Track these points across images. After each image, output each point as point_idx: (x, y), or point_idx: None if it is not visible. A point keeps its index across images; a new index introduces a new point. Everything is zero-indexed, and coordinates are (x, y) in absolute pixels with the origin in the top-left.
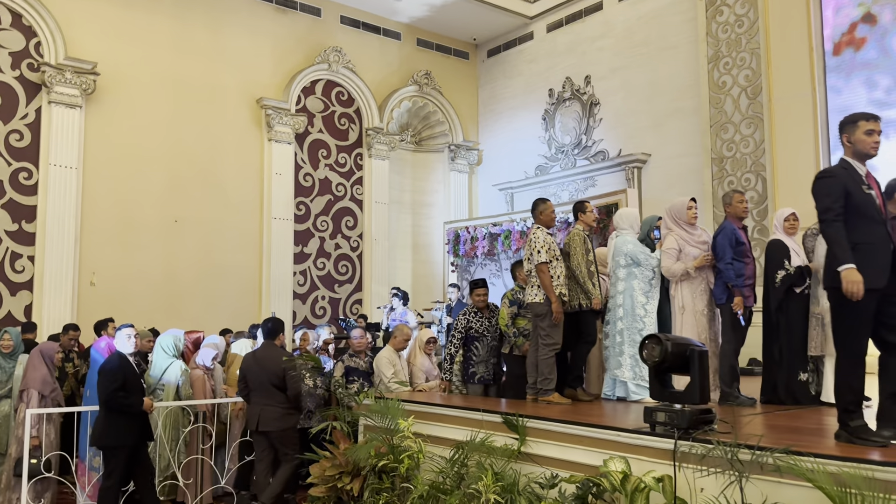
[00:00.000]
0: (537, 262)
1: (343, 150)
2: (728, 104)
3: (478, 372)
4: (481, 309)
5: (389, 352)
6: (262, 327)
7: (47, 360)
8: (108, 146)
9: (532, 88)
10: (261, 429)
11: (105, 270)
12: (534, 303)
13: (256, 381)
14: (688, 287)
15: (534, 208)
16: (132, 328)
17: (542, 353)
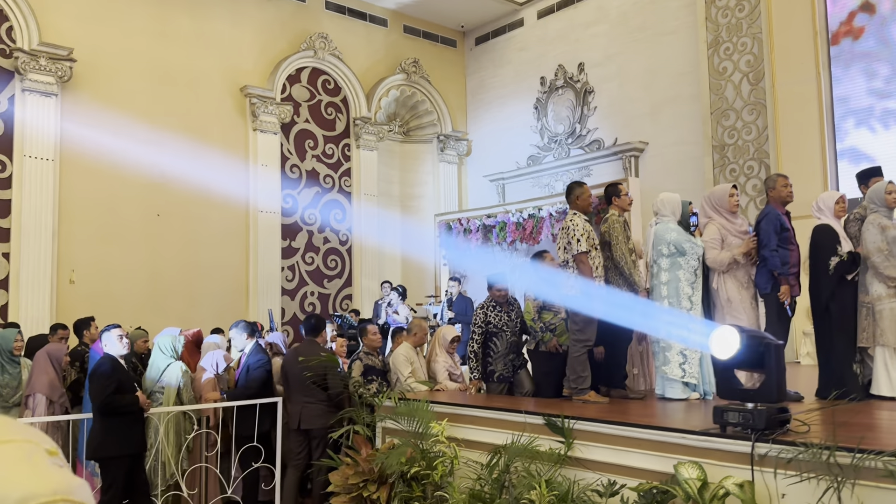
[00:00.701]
0: (577, 251)
1: (330, 141)
2: (729, 90)
3: (496, 370)
4: (501, 304)
5: (407, 349)
6: (304, 324)
7: (55, 362)
8: (87, 137)
9: (523, 77)
10: (302, 426)
11: (85, 267)
12: (570, 296)
13: (297, 378)
14: (732, 278)
15: (569, 193)
16: (120, 328)
17: (574, 349)
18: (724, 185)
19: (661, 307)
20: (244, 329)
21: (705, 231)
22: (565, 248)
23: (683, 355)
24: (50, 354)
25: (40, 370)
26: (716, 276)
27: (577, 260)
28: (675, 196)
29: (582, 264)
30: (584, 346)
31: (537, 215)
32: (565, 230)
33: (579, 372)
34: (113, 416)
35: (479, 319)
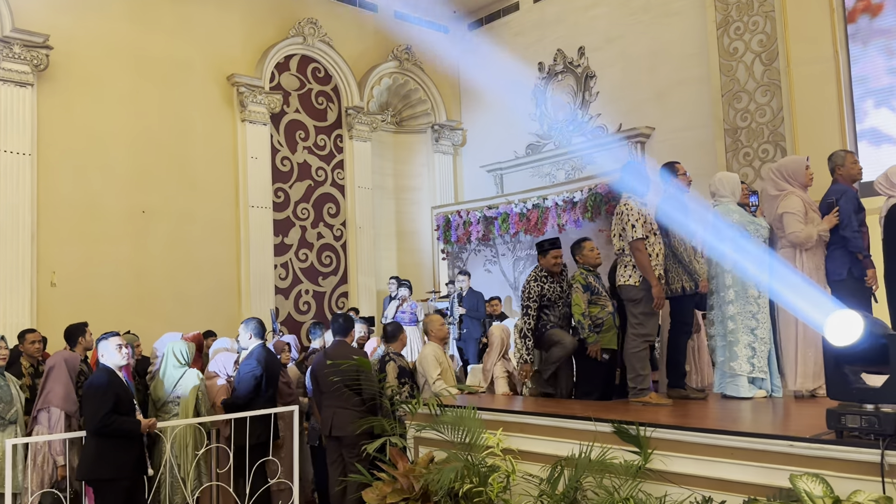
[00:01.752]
0: (632, 237)
1: (322, 132)
2: (741, 72)
3: None
4: (555, 273)
5: (435, 349)
6: (333, 324)
7: (72, 373)
8: (66, 129)
9: (520, 62)
10: (334, 433)
11: (66, 268)
12: (626, 286)
13: (328, 382)
14: (811, 258)
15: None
16: (119, 336)
17: (633, 345)
18: (796, 156)
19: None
20: (253, 328)
21: (786, 202)
22: (620, 236)
23: (752, 348)
24: (67, 363)
25: (56, 380)
26: (794, 256)
27: (633, 248)
28: (733, 175)
29: (639, 252)
30: (645, 342)
31: (542, 205)
32: (619, 216)
33: (639, 370)
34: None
35: (534, 292)
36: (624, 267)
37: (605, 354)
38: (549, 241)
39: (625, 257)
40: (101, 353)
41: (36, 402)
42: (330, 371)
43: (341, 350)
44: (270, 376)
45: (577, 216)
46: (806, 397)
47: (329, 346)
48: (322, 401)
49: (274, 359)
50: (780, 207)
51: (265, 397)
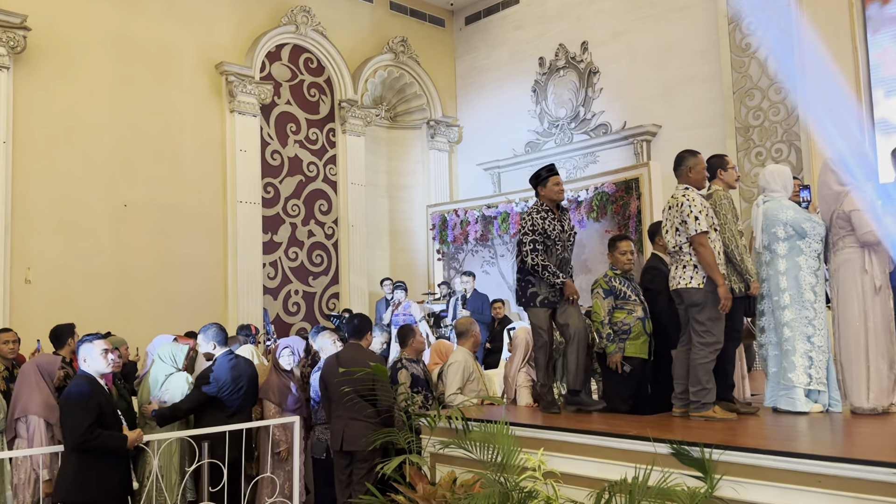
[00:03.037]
0: (696, 231)
1: (314, 125)
2: (753, 68)
3: (540, 292)
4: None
5: (466, 356)
6: (347, 325)
7: (47, 378)
8: (43, 116)
9: (519, 58)
10: (345, 447)
11: (42, 264)
12: (688, 289)
13: (339, 390)
14: (878, 259)
15: (679, 163)
16: (104, 340)
17: (699, 354)
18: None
19: (780, 301)
20: (213, 336)
21: (853, 199)
22: (677, 230)
23: (809, 358)
24: (41, 367)
25: (31, 387)
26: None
27: (695, 243)
28: (785, 168)
29: (703, 248)
30: (714, 351)
31: None
32: (677, 208)
33: (704, 382)
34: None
35: (537, 225)
36: (682, 267)
37: (626, 366)
38: (546, 168)
39: (682, 255)
40: (81, 358)
41: (10, 410)
42: (342, 378)
43: (355, 354)
44: (244, 388)
45: (582, 216)
46: (879, 414)
47: (342, 350)
48: (332, 410)
49: (246, 368)
50: (845, 204)
51: (231, 411)
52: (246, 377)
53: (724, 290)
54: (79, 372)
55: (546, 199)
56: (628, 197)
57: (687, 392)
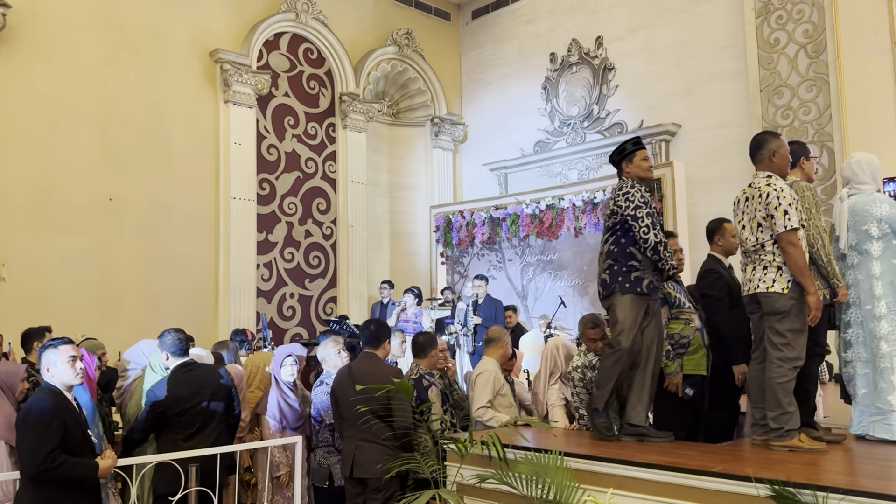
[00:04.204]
0: (786, 227)
1: (313, 119)
2: (783, 65)
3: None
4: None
5: (494, 366)
6: (363, 333)
7: (7, 390)
8: (23, 101)
9: (529, 53)
10: (356, 474)
11: (17, 261)
12: (771, 294)
13: (351, 407)
14: None
15: (758, 146)
16: (72, 345)
17: (777, 372)
18: None
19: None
20: (170, 346)
21: None
22: (760, 225)
23: None
24: (2, 377)
25: None
26: None
27: (784, 241)
28: (872, 157)
29: (794, 248)
30: (794, 368)
31: (557, 206)
32: (760, 199)
33: (785, 405)
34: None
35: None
36: (763, 268)
37: (687, 389)
38: (632, 142)
39: (764, 255)
40: (44, 368)
41: None
42: (358, 395)
43: (371, 366)
44: (199, 404)
45: (598, 218)
46: None
47: (355, 361)
48: (343, 430)
49: (206, 381)
50: None
51: (188, 433)
52: (210, 390)
53: (815, 299)
54: (42, 384)
55: (633, 176)
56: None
57: (766, 417)
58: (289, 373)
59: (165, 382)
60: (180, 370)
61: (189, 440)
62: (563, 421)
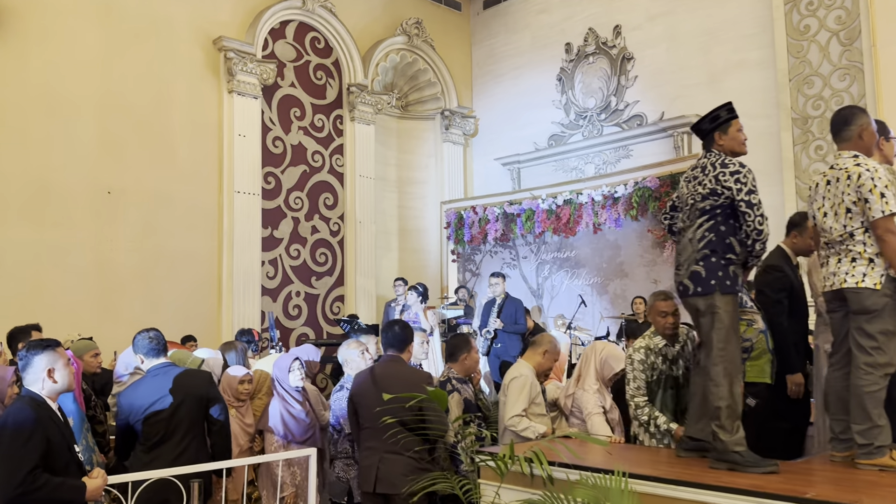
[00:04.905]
0: (883, 212)
1: (320, 111)
2: (813, 53)
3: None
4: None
5: (530, 370)
6: (386, 335)
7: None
8: (18, 89)
9: (544, 43)
10: (379, 489)
11: (11, 256)
12: (858, 290)
13: (374, 415)
14: None
15: (848, 121)
16: (56, 350)
17: (866, 380)
18: None
19: None
20: (141, 346)
21: None
22: (848, 211)
23: None
24: None
25: None
26: None
27: (880, 228)
28: None
29: (891, 235)
30: (885, 375)
31: (575, 201)
32: (850, 181)
33: (875, 418)
34: None
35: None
36: (850, 260)
37: (749, 399)
38: (726, 108)
39: (854, 245)
40: (24, 373)
41: None
42: (383, 403)
43: (395, 370)
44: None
45: (619, 214)
46: None
47: (378, 364)
48: (362, 440)
49: (180, 382)
50: None
51: (150, 443)
52: (180, 395)
53: None
54: (22, 391)
55: (727, 150)
56: (674, 192)
57: (849, 431)
58: (297, 378)
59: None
60: (149, 374)
61: (150, 451)
62: (603, 430)
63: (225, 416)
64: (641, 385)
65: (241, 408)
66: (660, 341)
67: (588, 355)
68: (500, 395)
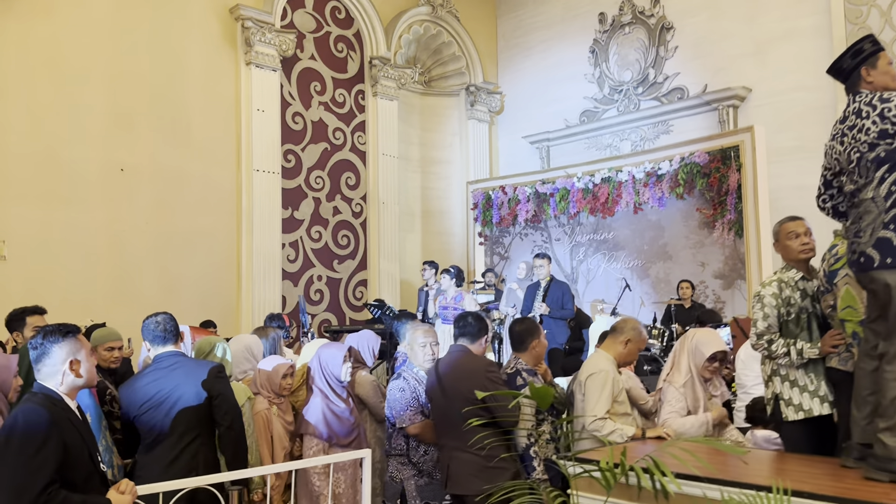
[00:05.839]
0: None
1: (341, 85)
2: (874, 19)
3: None
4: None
5: (610, 363)
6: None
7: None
8: (24, 60)
9: (575, 14)
10: (450, 489)
11: (19, 237)
12: None
13: (445, 411)
14: None
15: None
16: (75, 337)
17: None
18: None
19: None
20: (148, 332)
21: None
22: None
23: None
24: None
25: None
26: None
27: None
28: None
29: None
30: None
31: (615, 179)
32: None
33: None
34: None
35: None
36: None
37: None
38: (870, 40)
39: None
40: (37, 365)
41: None
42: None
43: (458, 362)
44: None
45: (662, 192)
46: None
47: (446, 357)
48: (438, 436)
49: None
50: None
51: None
52: (179, 392)
53: None
54: (34, 387)
55: (879, 87)
56: (726, 169)
57: None
58: (348, 371)
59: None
60: (153, 365)
61: (146, 453)
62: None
63: (231, 417)
64: (773, 323)
65: (282, 404)
66: (795, 274)
67: (682, 344)
68: (576, 392)
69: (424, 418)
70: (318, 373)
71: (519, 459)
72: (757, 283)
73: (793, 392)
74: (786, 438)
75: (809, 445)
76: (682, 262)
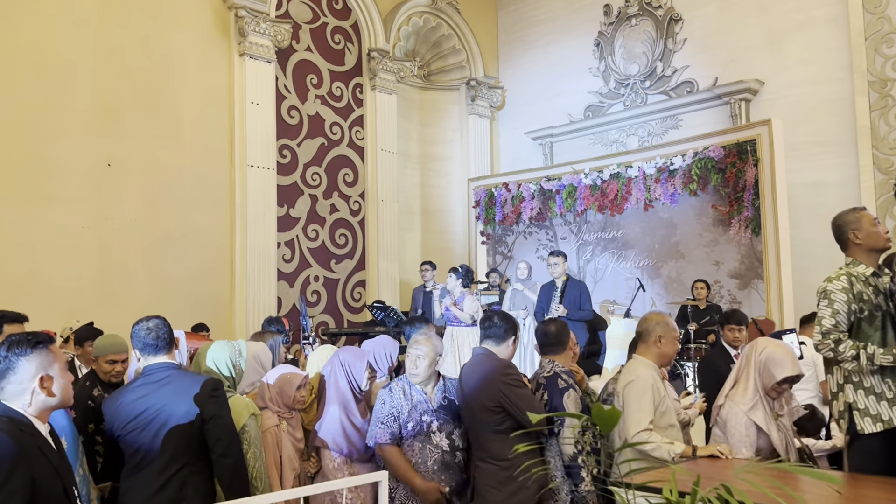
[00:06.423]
0: None
1: (338, 78)
2: (893, 8)
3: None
4: None
5: (650, 370)
6: (483, 325)
7: None
8: (6, 51)
9: (579, 6)
10: (476, 502)
11: (2, 236)
12: None
13: (469, 420)
14: None
15: None
16: (48, 348)
17: None
18: None
19: None
20: (138, 340)
21: None
22: None
23: None
24: None
25: None
26: None
27: None
28: None
29: None
30: None
31: (624, 175)
32: None
33: None
34: None
35: None
36: None
37: None
38: None
39: None
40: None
41: None
42: (473, 399)
43: (477, 367)
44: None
45: (675, 188)
46: None
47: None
48: (472, 447)
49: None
50: None
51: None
52: (167, 411)
53: None
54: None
55: None
56: (742, 163)
57: None
58: (367, 379)
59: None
60: (142, 377)
61: (128, 477)
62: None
63: (226, 444)
64: (842, 321)
65: (293, 419)
66: (865, 269)
67: (748, 356)
68: (614, 404)
69: (392, 440)
70: (336, 380)
71: (563, 469)
72: (775, 283)
73: (868, 401)
74: (859, 453)
75: (889, 461)
76: (696, 261)
